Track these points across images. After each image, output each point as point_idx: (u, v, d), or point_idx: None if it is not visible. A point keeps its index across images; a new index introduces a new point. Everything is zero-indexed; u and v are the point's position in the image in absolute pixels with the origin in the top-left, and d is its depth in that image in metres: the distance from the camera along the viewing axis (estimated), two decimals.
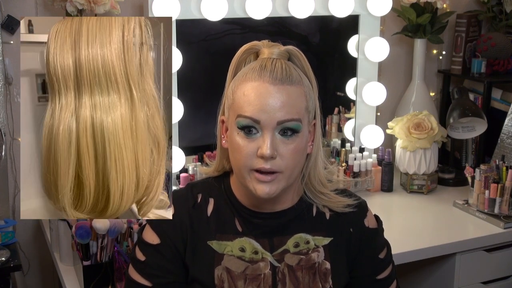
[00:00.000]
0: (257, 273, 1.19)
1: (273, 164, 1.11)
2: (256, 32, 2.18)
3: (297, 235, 1.23)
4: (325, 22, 2.34)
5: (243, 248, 1.20)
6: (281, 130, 1.12)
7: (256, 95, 1.11)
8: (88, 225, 1.57)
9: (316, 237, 1.23)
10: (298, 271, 1.21)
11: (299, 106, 1.13)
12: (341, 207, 1.25)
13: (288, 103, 1.11)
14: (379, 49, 2.31)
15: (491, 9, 2.64)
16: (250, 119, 1.11)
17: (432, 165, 2.31)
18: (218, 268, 1.19)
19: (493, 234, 1.99)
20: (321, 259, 1.22)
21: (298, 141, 1.14)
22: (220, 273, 1.19)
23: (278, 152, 1.11)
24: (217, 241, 1.21)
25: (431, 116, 2.31)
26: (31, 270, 2.22)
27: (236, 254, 1.20)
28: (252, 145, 1.12)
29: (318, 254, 1.22)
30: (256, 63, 1.15)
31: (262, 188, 1.12)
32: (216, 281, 1.18)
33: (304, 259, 1.21)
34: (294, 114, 1.12)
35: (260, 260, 1.20)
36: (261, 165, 1.11)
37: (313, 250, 1.22)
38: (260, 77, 1.12)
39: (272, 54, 1.15)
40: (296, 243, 1.22)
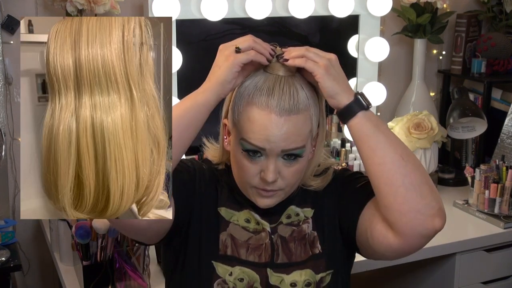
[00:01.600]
0: (259, 243, 1.24)
1: (274, 186, 1.17)
2: (256, 32, 2.18)
3: (289, 208, 1.28)
4: (325, 22, 2.34)
5: (249, 219, 1.25)
6: (285, 155, 1.15)
7: (261, 126, 1.12)
8: (88, 225, 1.57)
9: (305, 209, 1.28)
10: (291, 242, 1.25)
11: (304, 133, 1.15)
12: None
13: (293, 133, 1.13)
14: (379, 49, 2.31)
15: (491, 9, 2.64)
16: (255, 146, 1.14)
17: (432, 165, 2.31)
18: (223, 233, 1.24)
19: (493, 234, 1.99)
20: (310, 230, 1.26)
21: (300, 163, 1.18)
22: (225, 239, 1.23)
23: (280, 174, 1.16)
24: (226, 209, 1.25)
25: (431, 116, 2.30)
26: (31, 270, 2.22)
27: (241, 224, 1.25)
28: (256, 166, 1.16)
29: (308, 225, 1.27)
30: (264, 83, 1.14)
31: (262, 201, 1.20)
32: (220, 246, 1.23)
33: (296, 231, 1.26)
34: (299, 143, 1.15)
35: (261, 230, 1.25)
36: (263, 187, 1.17)
37: (303, 221, 1.27)
38: (268, 106, 1.12)
39: (279, 70, 1.15)
40: (288, 214, 1.27)
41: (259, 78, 1.16)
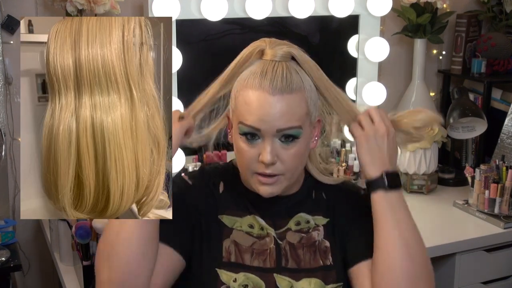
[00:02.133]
0: (263, 248, 1.23)
1: (273, 169, 1.16)
2: (256, 32, 2.17)
3: (298, 215, 1.27)
4: (325, 22, 2.34)
5: (252, 225, 1.25)
6: (282, 137, 1.16)
7: (256, 105, 1.14)
8: (88, 225, 1.57)
9: (316, 217, 1.28)
10: (299, 249, 1.24)
11: (298, 113, 1.16)
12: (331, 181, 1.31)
13: (287, 112, 1.14)
14: (379, 49, 2.31)
15: (491, 9, 2.64)
16: (251, 127, 1.15)
17: (432, 165, 2.31)
18: (227, 240, 1.23)
19: (493, 234, 1.99)
20: (321, 238, 1.26)
21: (298, 145, 1.18)
22: (228, 246, 1.23)
23: (279, 157, 1.16)
24: (227, 216, 1.25)
25: None
26: (31, 270, 2.22)
27: (245, 230, 1.24)
28: (254, 150, 1.16)
29: (318, 232, 1.26)
30: (258, 67, 1.16)
31: (264, 189, 1.18)
32: (224, 253, 1.22)
33: (305, 237, 1.25)
34: (294, 122, 1.15)
35: (266, 235, 1.24)
36: (262, 170, 1.16)
37: (313, 228, 1.26)
38: (261, 87, 1.14)
39: (275, 56, 1.17)
40: (297, 221, 1.27)
41: (255, 65, 1.18)
